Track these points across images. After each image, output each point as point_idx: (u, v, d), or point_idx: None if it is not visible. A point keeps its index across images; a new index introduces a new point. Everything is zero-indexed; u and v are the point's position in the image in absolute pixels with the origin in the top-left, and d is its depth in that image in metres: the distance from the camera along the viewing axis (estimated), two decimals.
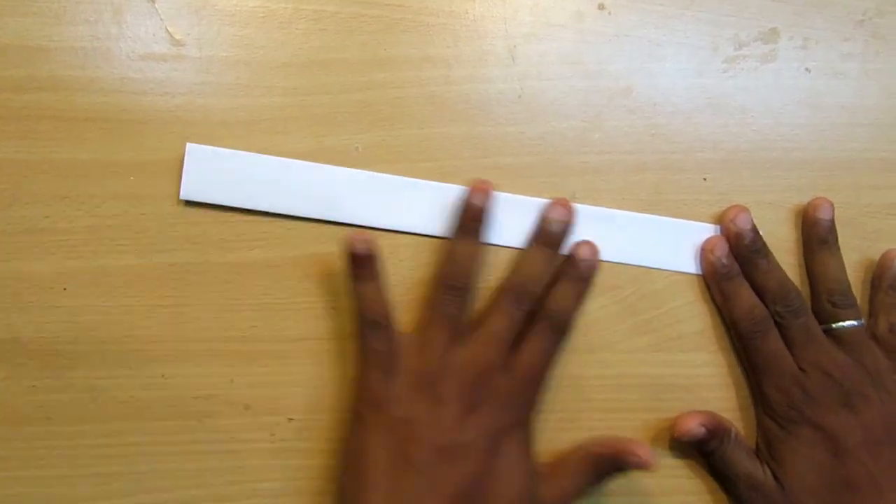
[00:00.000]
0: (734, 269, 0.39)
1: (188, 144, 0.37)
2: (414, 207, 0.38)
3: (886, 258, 0.40)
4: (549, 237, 0.38)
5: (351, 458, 0.35)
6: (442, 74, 0.39)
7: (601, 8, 0.40)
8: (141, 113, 0.37)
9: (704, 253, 0.39)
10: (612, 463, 0.35)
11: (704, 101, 0.40)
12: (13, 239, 0.36)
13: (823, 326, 0.38)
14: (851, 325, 0.38)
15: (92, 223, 0.37)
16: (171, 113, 0.37)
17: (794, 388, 0.37)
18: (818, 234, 0.39)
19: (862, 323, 0.38)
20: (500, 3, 0.39)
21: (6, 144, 0.36)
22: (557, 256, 0.38)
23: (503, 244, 0.38)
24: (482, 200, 0.37)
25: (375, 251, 0.36)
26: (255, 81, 0.38)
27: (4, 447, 0.36)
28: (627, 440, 0.36)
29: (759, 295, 0.38)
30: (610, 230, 0.39)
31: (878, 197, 0.41)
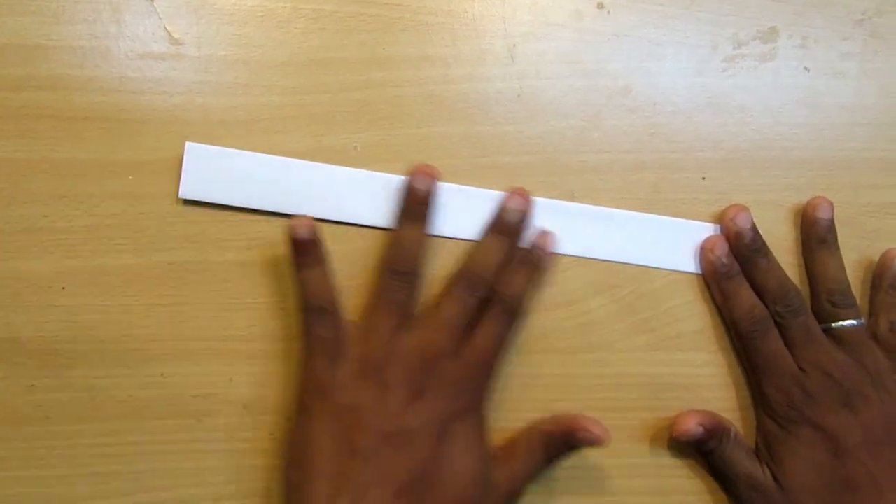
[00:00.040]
0: (734, 268, 0.39)
1: (187, 143, 0.37)
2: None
3: (886, 257, 0.40)
4: (505, 226, 0.37)
5: (296, 448, 0.34)
6: (441, 73, 0.39)
7: (600, 7, 0.40)
8: (139, 112, 0.37)
9: (704, 252, 0.39)
10: (563, 441, 0.35)
11: (704, 100, 0.40)
12: (12, 238, 0.36)
13: (823, 326, 0.38)
14: (851, 324, 0.38)
15: (90, 222, 0.37)
16: (169, 112, 0.37)
17: (793, 387, 0.37)
18: (818, 233, 0.39)
19: (862, 322, 0.38)
20: (498, 2, 0.39)
21: (4, 143, 0.36)
22: (514, 246, 0.37)
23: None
24: (425, 184, 0.36)
25: (318, 237, 0.35)
26: (253, 80, 0.38)
27: (3, 447, 0.36)
28: (578, 416, 0.35)
29: (758, 294, 0.38)
30: (609, 229, 0.39)
31: (877, 196, 0.41)
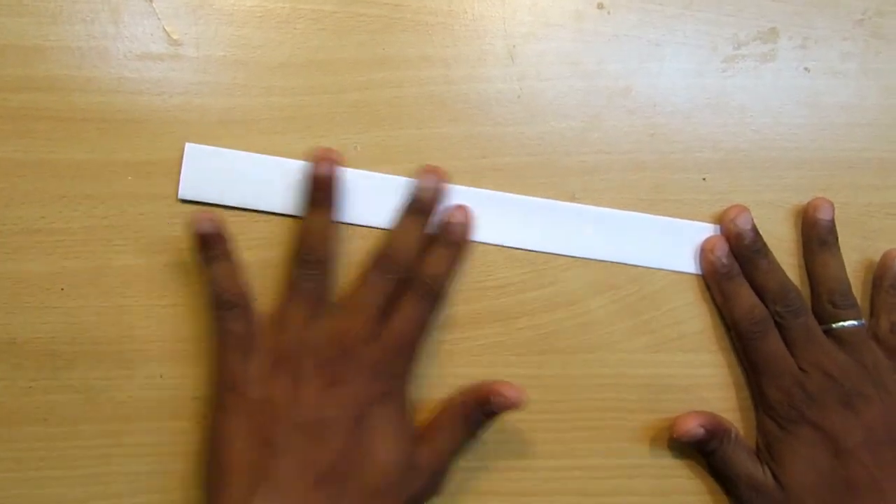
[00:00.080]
0: (734, 268, 0.39)
1: (187, 144, 0.37)
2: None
3: (887, 258, 0.40)
4: (418, 206, 0.37)
5: (212, 446, 0.34)
6: (441, 74, 0.39)
7: (600, 7, 0.40)
8: (138, 113, 0.37)
9: (704, 253, 0.39)
10: (480, 409, 0.35)
11: (704, 100, 0.40)
12: (10, 239, 0.36)
13: (824, 327, 0.38)
14: (852, 325, 0.38)
15: (89, 223, 0.36)
16: (168, 113, 0.37)
17: (794, 388, 0.37)
18: (818, 234, 0.39)
19: (862, 323, 0.38)
20: (498, 2, 0.39)
21: (2, 144, 0.36)
22: (429, 226, 0.37)
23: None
24: (327, 170, 0.35)
25: (223, 230, 0.35)
26: (252, 81, 0.37)
27: (1, 448, 0.36)
28: (492, 382, 0.35)
29: (759, 295, 0.38)
30: (609, 230, 0.39)
31: (877, 196, 0.41)
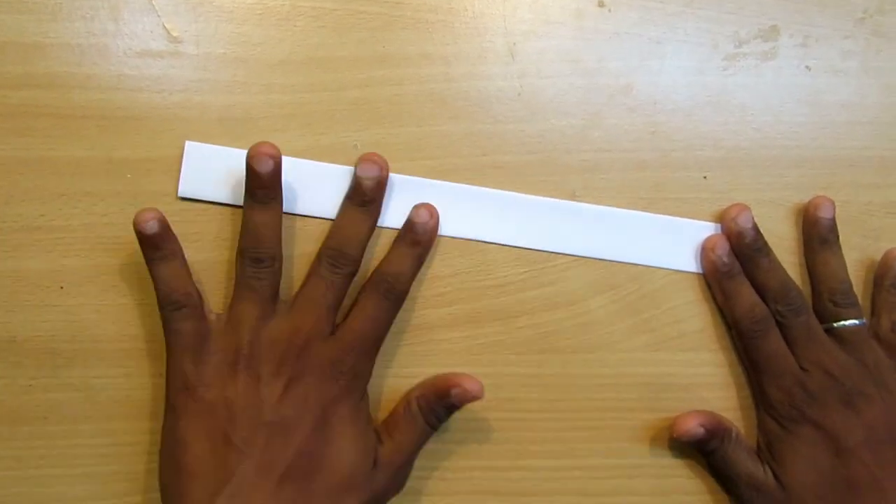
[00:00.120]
0: (735, 267, 0.38)
1: (187, 142, 0.36)
2: (412, 205, 0.38)
3: (888, 257, 0.40)
4: (361, 195, 0.36)
5: (169, 450, 0.33)
6: (441, 72, 0.38)
7: (601, 5, 0.40)
8: (138, 110, 0.37)
9: (705, 251, 0.39)
10: (440, 403, 0.35)
11: (704, 98, 0.40)
12: (9, 237, 0.36)
13: (825, 325, 0.38)
14: (853, 324, 0.38)
15: (89, 221, 0.36)
16: (168, 110, 0.37)
17: (795, 387, 0.37)
18: (819, 233, 0.39)
19: (864, 322, 0.38)
20: (499, 0, 0.39)
21: (2, 141, 0.36)
22: (374, 215, 0.37)
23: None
24: (267, 166, 0.34)
25: (167, 230, 0.34)
26: (252, 79, 0.37)
27: (1, 446, 0.36)
28: (450, 375, 0.35)
29: (759, 294, 0.38)
30: (609, 228, 0.39)
31: (878, 195, 0.41)
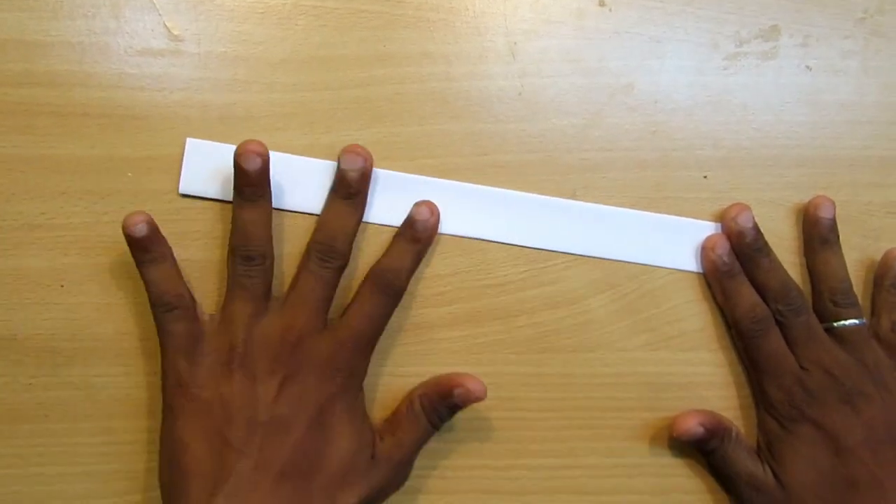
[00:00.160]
0: (735, 267, 0.38)
1: (188, 140, 0.36)
2: (413, 203, 0.38)
3: (889, 257, 0.40)
4: (346, 187, 0.36)
5: (167, 450, 0.33)
6: (442, 71, 0.38)
7: (601, 5, 0.40)
8: (139, 108, 0.37)
9: (705, 251, 0.39)
10: (442, 403, 0.35)
11: (705, 98, 0.40)
12: (10, 235, 0.36)
13: (825, 325, 0.38)
14: (853, 323, 0.38)
15: (90, 219, 0.36)
16: (168, 109, 0.37)
17: (795, 386, 0.37)
18: (820, 232, 0.39)
19: (864, 322, 0.38)
20: None
21: (3, 139, 0.36)
22: (360, 207, 0.36)
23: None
24: (254, 164, 0.34)
25: (156, 232, 0.34)
26: (253, 77, 0.37)
27: (1, 445, 0.36)
28: (454, 375, 0.35)
29: (760, 293, 0.38)
30: (610, 228, 0.39)
31: (878, 195, 0.41)
